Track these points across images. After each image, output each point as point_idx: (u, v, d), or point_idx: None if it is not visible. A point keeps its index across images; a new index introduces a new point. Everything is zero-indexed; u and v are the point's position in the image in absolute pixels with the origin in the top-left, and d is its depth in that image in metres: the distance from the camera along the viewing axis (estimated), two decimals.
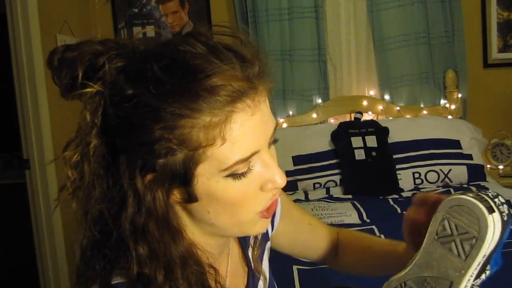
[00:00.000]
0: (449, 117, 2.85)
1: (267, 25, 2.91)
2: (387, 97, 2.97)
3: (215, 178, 0.57)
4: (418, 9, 2.86)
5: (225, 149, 0.55)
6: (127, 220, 0.58)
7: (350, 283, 1.21)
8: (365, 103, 2.93)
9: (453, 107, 2.88)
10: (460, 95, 2.89)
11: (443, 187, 2.42)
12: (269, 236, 0.86)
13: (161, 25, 3.07)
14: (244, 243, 0.80)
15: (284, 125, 2.95)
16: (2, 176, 3.21)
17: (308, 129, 2.79)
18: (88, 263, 0.61)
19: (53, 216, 2.41)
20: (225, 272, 0.74)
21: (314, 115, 2.95)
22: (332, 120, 3.01)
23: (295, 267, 1.58)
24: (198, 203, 0.59)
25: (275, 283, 0.88)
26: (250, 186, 0.59)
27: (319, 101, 2.96)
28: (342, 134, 2.62)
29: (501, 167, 2.89)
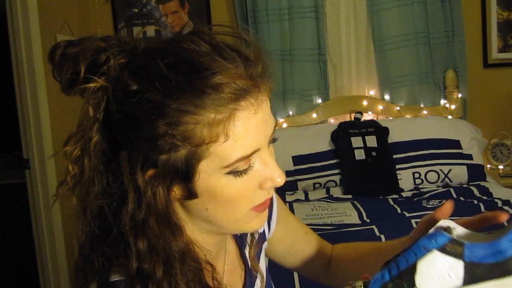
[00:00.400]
0: (449, 117, 2.85)
1: (267, 25, 2.91)
2: (387, 97, 2.96)
3: (216, 175, 0.57)
4: (418, 9, 2.86)
5: (228, 146, 0.55)
6: (127, 216, 0.58)
7: None
8: (365, 103, 2.93)
9: (453, 107, 2.88)
10: (460, 95, 2.89)
11: (443, 187, 2.42)
12: (266, 237, 0.86)
13: (161, 25, 3.07)
14: (241, 242, 0.80)
15: (284, 125, 2.95)
16: (2, 176, 3.20)
17: (308, 129, 2.78)
18: (87, 259, 0.61)
19: (53, 216, 2.41)
20: (222, 270, 0.74)
21: (314, 115, 2.95)
22: (332, 120, 3.01)
23: (296, 273, 1.56)
24: (197, 200, 0.60)
25: (272, 283, 0.88)
26: (250, 184, 0.60)
27: (319, 101, 2.96)
28: (342, 134, 2.62)
29: (501, 167, 2.90)
